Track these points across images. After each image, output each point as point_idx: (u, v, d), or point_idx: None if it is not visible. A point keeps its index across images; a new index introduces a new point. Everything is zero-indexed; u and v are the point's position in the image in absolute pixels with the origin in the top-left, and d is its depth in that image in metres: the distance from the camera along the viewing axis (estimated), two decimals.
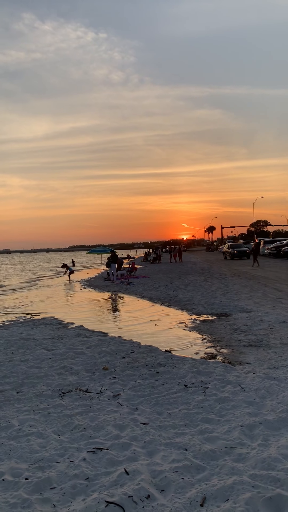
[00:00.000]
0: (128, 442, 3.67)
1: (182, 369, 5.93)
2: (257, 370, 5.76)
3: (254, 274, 21.73)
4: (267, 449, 3.40)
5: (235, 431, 3.77)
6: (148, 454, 3.48)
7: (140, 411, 4.48)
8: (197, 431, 3.87)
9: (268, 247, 41.86)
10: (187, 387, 5.14)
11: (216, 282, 18.92)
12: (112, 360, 6.64)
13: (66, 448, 3.61)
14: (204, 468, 3.20)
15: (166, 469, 3.15)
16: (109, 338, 8.44)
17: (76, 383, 5.54)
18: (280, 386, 4.91)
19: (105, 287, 20.88)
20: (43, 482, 3.07)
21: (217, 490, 2.83)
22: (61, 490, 2.97)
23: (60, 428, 4.09)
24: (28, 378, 5.86)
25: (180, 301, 13.77)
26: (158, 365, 6.20)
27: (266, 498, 2.68)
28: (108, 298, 16.66)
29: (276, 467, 3.06)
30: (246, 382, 5.17)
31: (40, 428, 4.07)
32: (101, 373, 5.97)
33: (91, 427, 4.06)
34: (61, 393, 5.16)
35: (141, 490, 2.86)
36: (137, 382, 5.46)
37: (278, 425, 3.88)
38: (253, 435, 3.72)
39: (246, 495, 2.72)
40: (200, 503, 2.72)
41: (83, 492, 2.95)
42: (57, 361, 6.71)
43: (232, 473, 3.04)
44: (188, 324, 9.99)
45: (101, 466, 3.31)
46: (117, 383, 5.49)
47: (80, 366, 6.39)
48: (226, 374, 5.58)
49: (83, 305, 14.97)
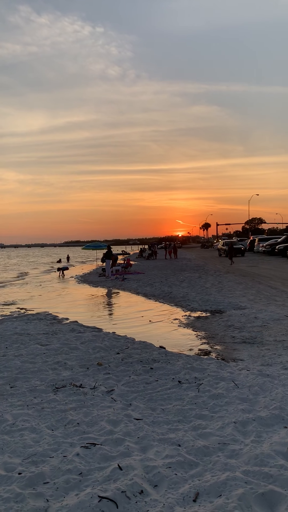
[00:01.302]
0: (122, 437, 3.68)
1: (176, 365, 5.94)
2: (250, 367, 5.78)
3: (249, 272, 21.79)
4: (260, 445, 3.42)
5: (229, 428, 3.78)
6: (141, 450, 3.49)
7: (134, 406, 4.49)
8: (191, 427, 3.88)
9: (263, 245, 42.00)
10: (181, 383, 5.16)
11: (210, 279, 18.96)
12: (106, 356, 6.64)
13: (59, 443, 3.61)
14: (197, 464, 3.21)
15: (160, 465, 3.16)
16: (103, 334, 8.44)
17: (70, 378, 5.54)
18: (273, 383, 4.93)
19: (100, 282, 20.85)
20: (36, 477, 3.07)
21: (210, 486, 2.84)
22: (54, 485, 2.97)
23: (54, 423, 4.09)
24: (22, 373, 5.84)
25: (174, 297, 13.79)
26: (152, 361, 6.21)
27: (259, 494, 2.70)
28: (103, 294, 16.64)
29: (268, 463, 3.08)
30: (239, 379, 5.19)
31: (34, 423, 4.07)
32: (95, 369, 5.97)
33: (84, 422, 4.06)
34: (55, 388, 5.15)
35: (134, 486, 2.87)
36: (131, 378, 5.47)
37: (271, 421, 3.90)
38: (246, 432, 3.74)
39: (239, 491, 2.73)
40: (193, 499, 2.74)
41: (76, 487, 2.95)
42: (51, 356, 6.70)
43: (225, 469, 3.05)
44: (182, 320, 10.01)
45: (95, 461, 3.31)
46: (111, 379, 5.49)
47: (74, 361, 6.38)
48: (220, 370, 5.60)
49: (77, 301, 14.95)
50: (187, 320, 9.97)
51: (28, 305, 13.83)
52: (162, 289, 15.99)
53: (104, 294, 16.68)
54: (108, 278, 22.70)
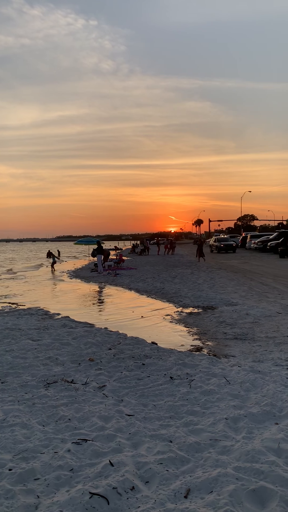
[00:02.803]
0: (113, 433, 3.67)
1: (168, 361, 5.94)
2: (242, 363, 5.80)
3: (241, 268, 21.88)
4: (251, 441, 3.43)
5: (220, 424, 3.79)
6: (133, 446, 3.48)
7: (126, 402, 4.48)
8: (182, 423, 3.88)
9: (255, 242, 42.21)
10: (173, 379, 5.16)
11: (202, 275, 19.00)
12: (98, 351, 6.62)
13: (50, 439, 3.59)
14: (189, 460, 3.21)
15: (151, 461, 3.16)
16: (95, 329, 8.42)
17: (62, 374, 5.51)
18: (264, 380, 4.95)
19: (92, 278, 20.80)
20: (27, 473, 3.05)
21: (201, 482, 2.84)
22: (45, 481, 2.96)
23: (45, 419, 4.07)
24: (13, 368, 5.80)
25: (167, 293, 13.80)
26: (144, 357, 6.21)
27: (250, 490, 2.70)
28: (95, 289, 16.61)
29: (260, 460, 3.09)
30: (231, 375, 5.20)
31: (25, 419, 4.04)
32: (87, 364, 5.95)
33: (76, 418, 4.05)
34: (46, 384, 5.12)
35: (125, 482, 2.86)
36: (123, 374, 5.46)
37: (262, 418, 3.92)
38: (237, 428, 3.75)
39: (230, 487, 2.73)
40: (184, 495, 2.73)
41: (67, 484, 2.94)
42: (42, 351, 6.67)
43: (217, 466, 3.05)
44: (174, 316, 10.02)
45: (86, 457, 3.30)
46: (103, 374, 5.47)
47: (65, 357, 6.36)
48: (212, 366, 5.61)
49: (69, 296, 14.91)
50: (179, 316, 9.98)
51: (19, 300, 13.75)
52: (155, 285, 15.99)
53: (96, 289, 16.65)
54: (100, 273, 22.65)
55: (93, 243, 29.66)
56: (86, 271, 25.37)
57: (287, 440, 3.40)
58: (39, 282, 20.46)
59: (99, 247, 24.03)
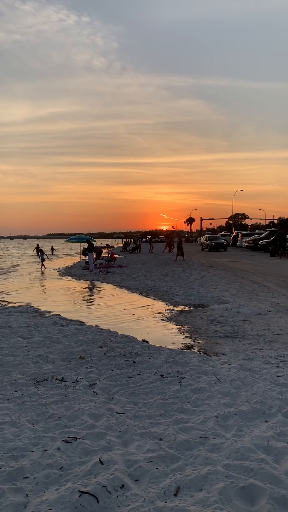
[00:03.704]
0: (103, 431, 3.66)
1: (158, 359, 5.94)
2: (232, 361, 5.82)
3: (232, 266, 21.96)
4: (241, 439, 3.44)
5: (210, 422, 3.80)
6: (123, 444, 3.47)
7: (116, 400, 4.47)
8: (172, 421, 3.88)
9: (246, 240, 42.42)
10: (163, 377, 5.16)
11: (194, 273, 19.03)
12: (89, 349, 6.60)
13: (40, 437, 3.57)
14: (179, 458, 3.21)
15: (141, 459, 3.15)
16: (86, 327, 8.39)
17: (52, 372, 5.49)
18: (254, 377, 4.97)
19: (83, 276, 20.74)
20: (16, 471, 3.03)
21: (191, 480, 2.85)
22: (34, 480, 2.94)
23: (35, 417, 4.05)
24: (2, 366, 5.76)
25: (158, 291, 13.80)
26: (134, 355, 6.20)
27: (239, 488, 2.71)
28: (86, 287, 16.56)
29: (249, 457, 3.10)
30: (221, 373, 5.22)
31: (14, 417, 4.01)
32: (78, 362, 5.93)
33: (66, 416, 4.03)
34: (36, 382, 5.10)
35: (115, 480, 2.86)
36: (114, 372, 5.45)
37: (252, 415, 3.93)
38: (227, 426, 3.76)
39: (219, 485, 2.74)
40: (174, 493, 2.74)
41: (57, 482, 2.92)
42: (32, 349, 6.63)
43: (206, 463, 3.06)
44: (165, 314, 10.03)
45: (76, 455, 3.28)
46: (93, 372, 5.46)
47: (56, 354, 6.33)
48: (202, 364, 5.62)
49: (60, 294, 14.85)
50: (170, 314, 9.99)
51: (10, 297, 13.67)
52: (146, 283, 15.98)
53: (87, 287, 16.60)
54: (91, 271, 22.59)
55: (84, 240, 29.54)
56: (78, 269, 25.28)
57: (276, 438, 3.41)
58: (29, 279, 20.35)
59: (89, 245, 23.95)
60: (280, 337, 7.26)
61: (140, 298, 12.95)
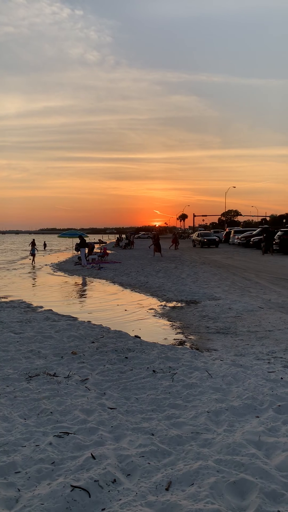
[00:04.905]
0: (95, 426, 3.66)
1: (150, 354, 5.95)
2: (224, 357, 5.85)
3: (224, 263, 22.04)
4: (232, 434, 3.47)
5: (202, 417, 3.82)
6: (115, 439, 3.48)
7: (108, 395, 4.48)
8: (164, 416, 3.90)
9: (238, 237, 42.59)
10: (155, 373, 5.17)
11: (186, 269, 19.08)
12: (81, 345, 6.60)
13: (32, 432, 3.57)
14: (170, 453, 3.23)
15: (133, 454, 3.16)
16: (78, 323, 8.38)
17: (44, 367, 5.48)
18: (246, 373, 5.01)
19: (76, 271, 20.69)
20: (7, 466, 3.03)
21: (183, 475, 2.86)
22: (26, 475, 2.94)
23: (27, 412, 4.04)
24: None
25: (150, 287, 13.82)
26: (127, 350, 6.21)
27: (230, 483, 2.74)
28: (78, 283, 16.53)
29: (240, 452, 3.13)
30: (213, 369, 5.24)
31: (6, 412, 4.01)
32: (70, 358, 5.92)
33: (58, 411, 4.03)
34: (28, 377, 5.09)
35: (107, 475, 2.86)
36: (106, 367, 5.45)
37: (243, 411, 3.96)
38: (219, 421, 3.78)
39: (210, 480, 2.76)
40: (166, 488, 2.75)
41: (49, 477, 2.93)
42: (24, 344, 6.61)
43: (198, 458, 3.08)
44: (158, 310, 10.04)
45: (67, 450, 3.29)
46: (86, 368, 5.46)
47: (48, 350, 6.32)
48: (194, 360, 5.64)
49: (52, 289, 14.80)
50: (163, 310, 10.01)
51: (1, 292, 13.60)
52: (138, 279, 15.99)
53: (79, 282, 16.57)
54: (84, 267, 22.54)
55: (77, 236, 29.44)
56: (70, 264, 25.22)
57: (267, 433, 3.45)
58: (21, 274, 20.25)
59: (82, 241, 23.89)
60: (272, 333, 7.31)
61: (132, 294, 12.95)
